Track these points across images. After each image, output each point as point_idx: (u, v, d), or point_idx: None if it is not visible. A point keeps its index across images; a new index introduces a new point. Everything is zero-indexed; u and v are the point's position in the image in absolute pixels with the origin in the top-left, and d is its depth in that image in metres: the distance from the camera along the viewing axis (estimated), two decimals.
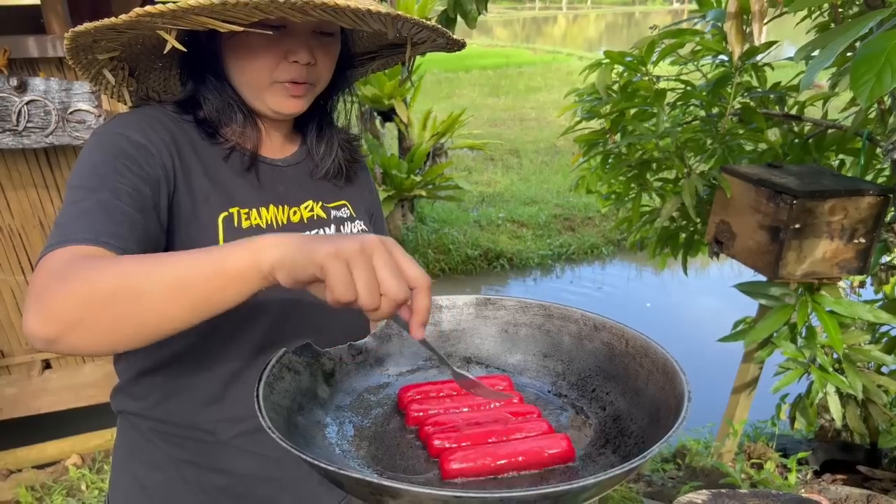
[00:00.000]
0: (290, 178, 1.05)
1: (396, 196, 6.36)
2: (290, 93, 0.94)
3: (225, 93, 0.96)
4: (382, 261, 0.64)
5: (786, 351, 2.24)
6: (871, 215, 2.04)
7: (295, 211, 1.03)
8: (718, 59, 2.53)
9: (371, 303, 0.63)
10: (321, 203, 1.07)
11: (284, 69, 0.92)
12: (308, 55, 0.91)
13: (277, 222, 1.00)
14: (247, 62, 0.92)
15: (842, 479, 2.59)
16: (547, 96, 14.29)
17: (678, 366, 0.74)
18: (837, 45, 1.37)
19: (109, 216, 0.79)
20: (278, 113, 0.97)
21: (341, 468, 0.59)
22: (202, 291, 0.66)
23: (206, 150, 0.96)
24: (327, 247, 0.62)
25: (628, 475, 0.61)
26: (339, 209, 1.10)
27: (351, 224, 1.10)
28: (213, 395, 0.98)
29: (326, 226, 1.06)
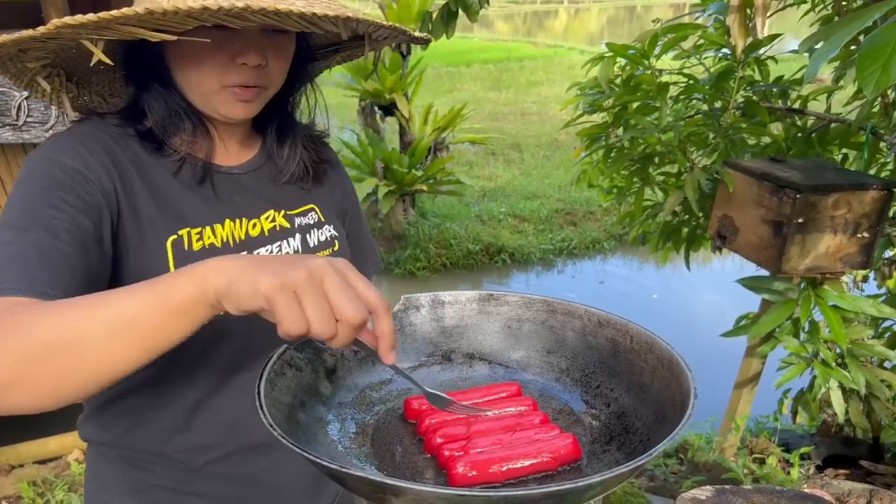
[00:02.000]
0: (248, 187, 0.98)
1: (397, 191, 6.35)
2: (240, 97, 0.87)
3: (171, 99, 0.89)
4: (335, 285, 0.59)
5: (788, 346, 2.23)
6: (875, 210, 2.03)
7: (254, 223, 0.96)
8: (721, 53, 2.52)
9: (326, 331, 0.59)
10: (283, 211, 1.00)
11: (233, 73, 0.85)
12: (258, 57, 0.84)
13: (234, 239, 0.92)
14: (192, 67, 0.85)
15: (844, 473, 2.59)
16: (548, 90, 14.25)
17: (684, 362, 0.73)
18: (841, 36, 1.36)
19: (46, 259, 0.73)
20: (228, 118, 0.90)
21: (343, 466, 0.58)
22: (149, 328, 0.62)
23: (152, 167, 0.88)
24: (271, 278, 0.58)
25: (633, 473, 0.60)
26: (304, 215, 1.03)
27: (318, 230, 1.03)
28: (178, 424, 0.94)
29: (290, 236, 0.99)
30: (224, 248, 0.90)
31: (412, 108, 6.63)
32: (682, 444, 3.02)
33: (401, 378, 0.87)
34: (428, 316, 0.92)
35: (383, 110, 6.77)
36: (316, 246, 1.03)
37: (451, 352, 0.92)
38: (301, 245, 1.01)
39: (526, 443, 0.71)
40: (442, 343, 0.92)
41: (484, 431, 0.74)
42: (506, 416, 0.77)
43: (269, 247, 0.97)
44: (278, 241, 0.97)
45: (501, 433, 0.73)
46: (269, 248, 0.97)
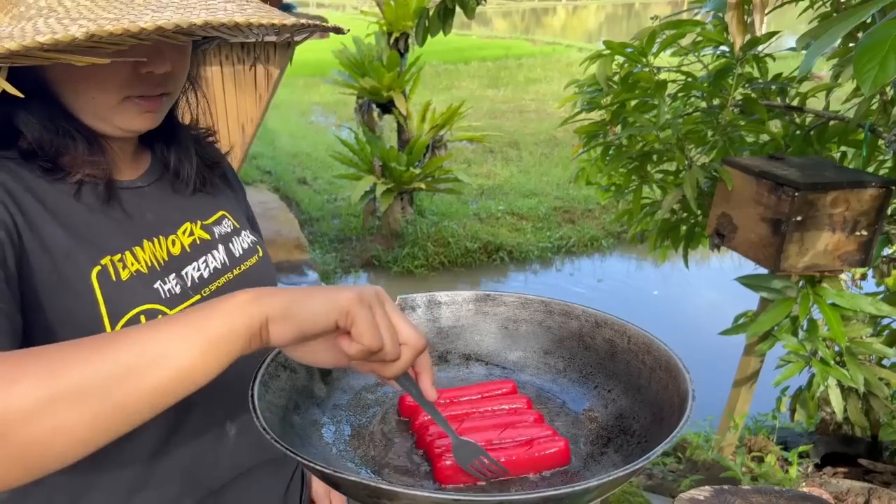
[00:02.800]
0: (156, 201, 0.88)
1: (395, 189, 6.34)
2: (145, 108, 0.78)
3: (55, 116, 0.76)
4: (395, 311, 0.61)
5: (787, 344, 2.23)
6: (874, 207, 2.03)
7: (173, 240, 0.86)
8: (720, 50, 2.51)
9: (394, 351, 0.60)
10: (199, 222, 0.91)
11: (137, 83, 0.75)
12: (165, 63, 0.75)
13: (158, 260, 0.82)
14: (84, 81, 0.74)
15: (843, 472, 2.58)
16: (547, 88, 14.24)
17: (681, 363, 0.72)
18: (837, 31, 1.36)
19: None
20: (131, 132, 0.80)
21: (338, 471, 0.57)
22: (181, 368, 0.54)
23: (49, 193, 0.76)
24: (346, 293, 0.58)
25: (631, 477, 0.60)
26: (219, 224, 0.94)
27: (238, 238, 0.95)
28: (135, 482, 0.83)
29: (213, 248, 0.91)
30: (152, 273, 0.81)
31: (410, 105, 6.62)
32: (680, 443, 3.01)
33: None
34: (424, 316, 0.91)
35: (381, 108, 6.76)
36: (241, 255, 0.95)
37: (447, 353, 0.91)
38: (226, 256, 0.92)
39: (515, 443, 0.71)
40: (438, 344, 0.91)
41: (475, 429, 0.74)
42: (498, 414, 0.77)
43: (195, 263, 0.87)
44: (202, 255, 0.89)
45: (492, 431, 0.73)
46: (195, 264, 0.87)
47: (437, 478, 0.69)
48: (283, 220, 6.55)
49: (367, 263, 6.55)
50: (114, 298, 0.75)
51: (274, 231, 6.19)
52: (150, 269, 0.81)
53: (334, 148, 7.69)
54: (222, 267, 0.91)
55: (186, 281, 0.84)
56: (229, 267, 0.92)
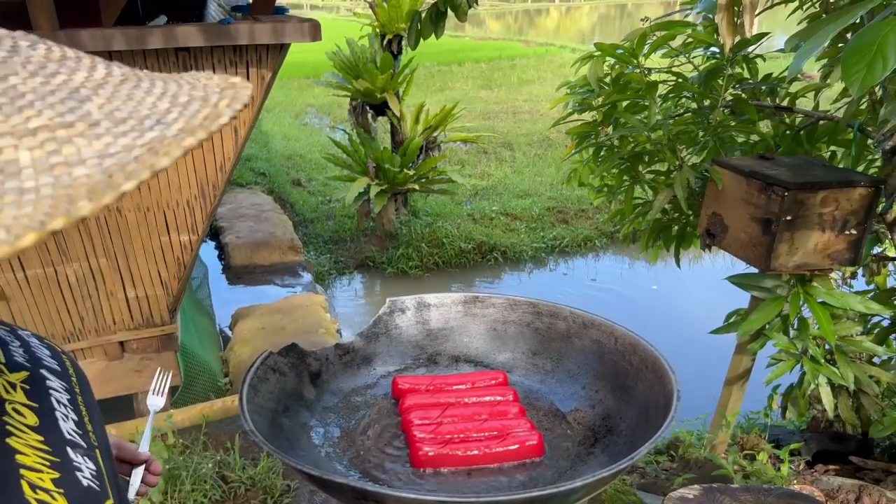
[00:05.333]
0: None
1: (389, 190, 6.34)
2: None
3: None
4: None
5: (778, 342, 2.24)
6: (863, 206, 2.04)
7: (14, 409, 0.60)
8: (710, 51, 2.52)
9: None
10: None
11: None
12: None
13: (44, 450, 0.59)
14: None
15: (834, 469, 2.60)
16: (540, 89, 14.25)
17: (667, 363, 0.73)
18: (825, 33, 1.37)
19: None
20: None
21: (325, 473, 0.58)
22: None
23: None
24: None
25: (616, 477, 0.60)
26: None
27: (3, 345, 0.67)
28: None
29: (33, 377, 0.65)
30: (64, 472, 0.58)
31: (403, 107, 6.62)
32: (673, 441, 3.02)
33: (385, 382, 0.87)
34: (413, 319, 0.92)
35: (375, 109, 6.76)
36: (59, 366, 0.70)
37: (436, 354, 0.92)
38: (59, 379, 0.68)
39: (491, 435, 0.73)
40: (427, 346, 0.92)
41: (456, 417, 0.75)
42: (481, 404, 0.78)
43: (57, 414, 0.64)
44: (47, 398, 0.64)
45: (472, 421, 0.75)
46: (58, 415, 0.64)
47: (414, 463, 0.70)
48: (277, 221, 6.54)
49: (361, 264, 6.55)
50: None
51: (268, 232, 6.18)
52: (56, 468, 0.58)
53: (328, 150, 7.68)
54: (70, 395, 0.68)
55: (80, 443, 0.63)
56: (70, 389, 0.69)
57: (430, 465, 0.69)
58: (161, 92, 0.47)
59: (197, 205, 2.80)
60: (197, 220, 2.82)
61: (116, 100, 0.45)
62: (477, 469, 0.71)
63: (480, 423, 0.73)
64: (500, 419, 0.75)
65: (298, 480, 2.79)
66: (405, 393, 0.79)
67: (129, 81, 0.47)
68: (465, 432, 0.73)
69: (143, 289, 2.96)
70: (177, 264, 2.92)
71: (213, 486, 2.57)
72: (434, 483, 0.69)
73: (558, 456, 0.74)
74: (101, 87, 0.45)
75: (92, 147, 0.40)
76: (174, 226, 2.82)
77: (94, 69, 0.47)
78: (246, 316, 4.55)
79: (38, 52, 0.46)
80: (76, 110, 0.42)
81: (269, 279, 5.63)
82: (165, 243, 2.85)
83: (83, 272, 2.82)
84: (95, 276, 2.85)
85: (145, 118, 0.44)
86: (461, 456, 0.70)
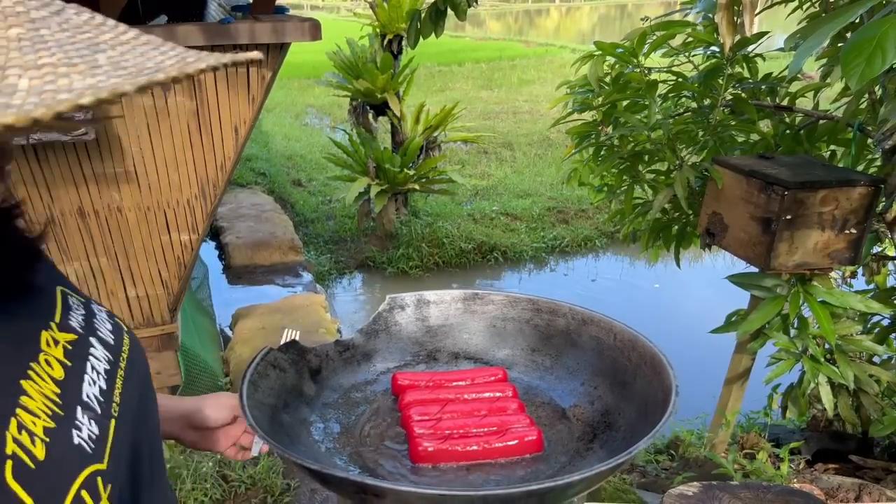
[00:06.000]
0: None
1: (390, 190, 6.34)
2: None
3: None
4: None
5: (778, 341, 2.24)
6: (863, 205, 2.04)
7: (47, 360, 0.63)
8: (710, 51, 2.53)
9: None
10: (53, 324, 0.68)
11: None
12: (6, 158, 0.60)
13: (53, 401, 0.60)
14: None
15: (834, 468, 2.60)
16: (540, 89, 14.26)
17: (666, 360, 0.73)
18: (825, 31, 1.37)
19: None
20: None
21: (325, 467, 0.58)
22: None
23: None
24: None
25: (614, 472, 0.61)
26: (69, 311, 0.71)
27: (96, 320, 0.74)
28: None
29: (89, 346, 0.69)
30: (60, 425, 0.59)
31: (404, 107, 6.62)
32: (673, 440, 3.02)
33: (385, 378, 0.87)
34: (413, 315, 0.92)
35: (375, 110, 6.76)
36: (114, 340, 0.74)
37: (436, 351, 0.92)
38: (105, 350, 0.72)
39: (490, 432, 0.73)
40: (427, 342, 0.92)
41: (455, 413, 0.75)
42: (480, 400, 0.78)
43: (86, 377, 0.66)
44: (84, 361, 0.67)
45: (472, 417, 0.75)
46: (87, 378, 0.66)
47: (413, 459, 0.71)
48: (278, 221, 6.54)
49: (361, 264, 6.56)
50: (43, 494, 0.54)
51: (268, 233, 6.18)
52: (55, 419, 0.59)
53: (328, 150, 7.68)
54: (111, 366, 0.71)
55: (94, 407, 0.64)
56: (115, 362, 0.72)
57: (430, 461, 0.69)
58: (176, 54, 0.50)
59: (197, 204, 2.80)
60: (197, 219, 2.83)
61: (129, 55, 0.47)
62: (476, 464, 0.71)
63: (480, 419, 0.74)
64: (500, 415, 0.75)
65: (299, 479, 2.79)
66: (405, 389, 0.80)
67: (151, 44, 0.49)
68: (465, 428, 0.73)
69: (144, 288, 2.96)
70: (177, 264, 2.93)
71: (214, 484, 2.58)
72: (433, 477, 0.70)
73: (557, 451, 0.74)
74: (121, 45, 0.48)
75: (84, 82, 0.43)
76: (174, 225, 2.82)
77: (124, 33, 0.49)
78: (246, 316, 4.56)
79: (80, 18, 0.49)
80: (86, 57, 0.45)
81: (270, 279, 5.63)
82: (166, 242, 2.85)
83: (83, 271, 2.82)
84: (96, 276, 2.86)
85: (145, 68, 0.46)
86: (460, 451, 0.70)
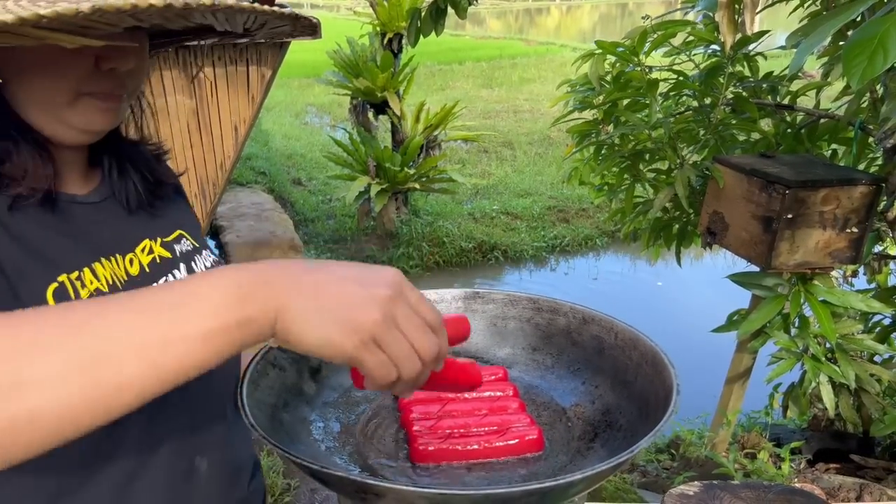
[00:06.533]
0: (112, 217, 0.81)
1: (390, 189, 6.34)
2: (103, 105, 0.71)
3: None
4: (409, 320, 0.54)
5: (779, 341, 2.24)
6: (864, 204, 2.04)
7: (131, 259, 0.79)
8: (711, 49, 2.52)
9: (413, 372, 0.55)
10: (160, 239, 0.85)
11: (96, 80, 0.69)
12: (129, 60, 0.69)
13: (119, 280, 0.75)
14: (39, 74, 0.67)
15: (835, 468, 2.60)
16: (541, 88, 14.25)
17: (667, 358, 0.73)
18: (826, 29, 1.37)
19: None
20: (88, 132, 0.73)
21: (325, 466, 0.58)
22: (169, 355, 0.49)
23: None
24: (351, 339, 0.52)
25: (615, 471, 0.60)
26: (178, 242, 0.88)
27: (199, 257, 0.89)
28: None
29: (174, 268, 0.84)
30: (114, 291, 0.73)
31: (404, 106, 6.62)
32: (673, 440, 3.02)
33: None
34: None
35: (375, 108, 6.76)
36: None
37: None
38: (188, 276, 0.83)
39: (490, 431, 0.72)
40: None
41: (456, 412, 0.75)
42: (481, 399, 0.78)
43: (157, 284, 0.75)
44: (163, 274, 0.82)
45: (472, 416, 0.74)
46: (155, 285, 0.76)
47: (414, 458, 0.70)
48: (278, 220, 6.54)
49: None
50: None
51: (268, 232, 6.18)
52: (112, 289, 0.73)
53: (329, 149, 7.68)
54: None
55: None
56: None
57: (430, 460, 0.69)
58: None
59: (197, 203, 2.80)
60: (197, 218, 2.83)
61: None
62: (477, 463, 0.71)
63: (480, 418, 0.73)
64: (500, 414, 0.75)
65: (299, 479, 2.79)
66: None
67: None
68: (465, 427, 0.73)
69: None
70: None
71: None
72: (434, 477, 0.70)
73: (558, 450, 0.74)
74: None
75: None
76: None
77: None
78: None
79: None
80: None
81: None
82: None
83: None
84: None
85: None
86: (461, 450, 0.70)
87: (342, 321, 0.52)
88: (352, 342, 0.52)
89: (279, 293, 0.52)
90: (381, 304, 0.53)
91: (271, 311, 0.51)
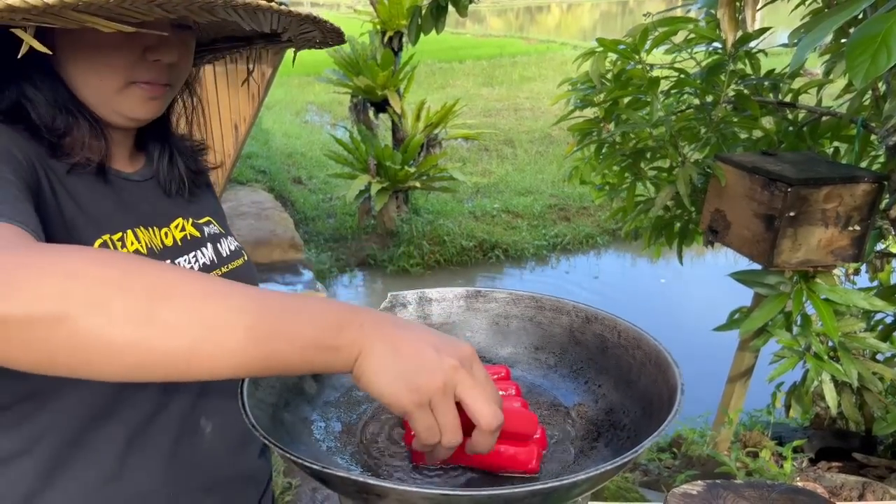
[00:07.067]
0: (151, 195, 0.92)
1: (390, 187, 6.34)
2: (148, 94, 0.80)
3: (60, 96, 0.79)
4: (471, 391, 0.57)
5: (781, 339, 2.23)
6: (866, 202, 2.03)
7: (166, 232, 0.90)
8: (712, 47, 2.51)
9: (454, 441, 0.58)
10: (191, 220, 0.95)
11: (143, 69, 0.78)
12: (173, 53, 0.79)
13: (155, 247, 0.86)
14: (93, 61, 0.77)
15: (837, 466, 2.59)
16: (541, 86, 14.24)
17: (671, 357, 0.72)
18: (828, 25, 1.36)
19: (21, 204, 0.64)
20: (133, 119, 0.83)
21: (326, 466, 0.57)
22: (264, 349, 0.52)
23: (56, 167, 0.79)
24: (412, 395, 0.55)
25: (619, 471, 0.60)
26: (207, 225, 0.99)
27: (225, 240, 0.99)
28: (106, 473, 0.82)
29: (202, 246, 0.94)
30: (150, 256, 0.83)
31: (404, 104, 6.62)
32: (675, 439, 3.02)
33: None
34: (415, 313, 0.91)
35: (376, 107, 6.76)
36: (228, 256, 0.99)
37: None
38: (214, 255, 0.96)
39: None
40: None
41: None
42: None
43: (186, 257, 0.91)
44: (192, 250, 0.92)
45: None
46: (186, 258, 0.91)
47: (415, 458, 0.70)
48: (278, 219, 6.53)
49: (362, 262, 6.55)
50: None
51: (269, 231, 6.18)
52: (150, 253, 0.84)
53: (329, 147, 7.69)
54: (210, 264, 0.94)
55: None
56: (217, 265, 0.95)
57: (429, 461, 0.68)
58: None
59: None
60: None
61: None
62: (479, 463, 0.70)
63: None
64: None
65: (300, 478, 2.79)
66: None
67: None
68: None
69: None
70: None
71: None
72: (435, 477, 0.69)
73: (561, 450, 0.74)
74: None
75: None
76: None
77: None
78: None
79: None
80: None
81: (270, 277, 5.63)
82: None
83: None
84: None
85: None
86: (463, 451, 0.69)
87: (409, 379, 0.56)
88: (411, 400, 0.56)
89: (368, 336, 0.56)
90: (446, 373, 0.57)
91: (356, 350, 0.55)
